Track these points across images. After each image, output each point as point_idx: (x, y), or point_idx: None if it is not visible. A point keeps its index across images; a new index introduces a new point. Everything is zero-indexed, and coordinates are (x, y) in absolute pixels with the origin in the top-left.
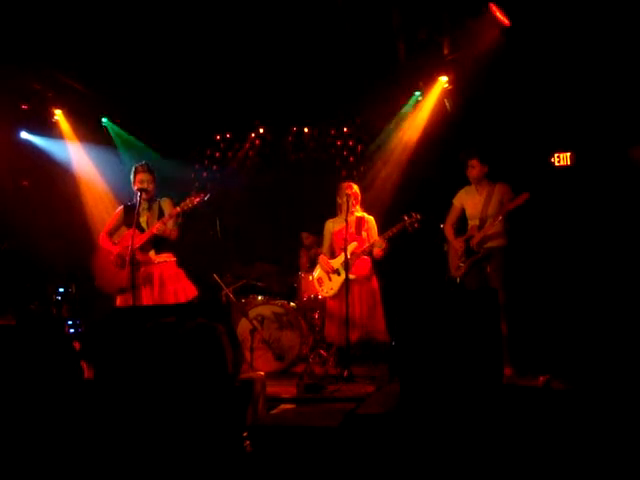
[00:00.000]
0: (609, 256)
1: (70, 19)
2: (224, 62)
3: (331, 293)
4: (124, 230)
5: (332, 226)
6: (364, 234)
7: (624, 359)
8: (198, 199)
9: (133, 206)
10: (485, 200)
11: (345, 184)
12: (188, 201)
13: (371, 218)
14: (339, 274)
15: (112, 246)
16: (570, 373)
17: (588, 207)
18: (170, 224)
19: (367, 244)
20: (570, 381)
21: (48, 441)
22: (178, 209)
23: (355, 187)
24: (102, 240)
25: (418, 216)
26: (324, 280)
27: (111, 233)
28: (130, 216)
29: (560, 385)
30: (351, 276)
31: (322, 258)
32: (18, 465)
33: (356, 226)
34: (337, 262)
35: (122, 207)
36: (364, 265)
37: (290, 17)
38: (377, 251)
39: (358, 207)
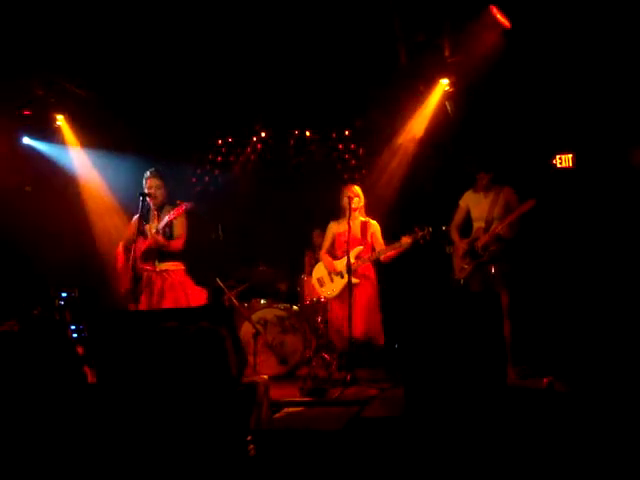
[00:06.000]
0: (611, 258)
1: (71, 24)
2: (225, 66)
3: (332, 295)
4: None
5: (336, 228)
6: (369, 239)
7: (627, 361)
8: (181, 209)
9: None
10: (491, 203)
11: (346, 186)
12: (173, 212)
13: (375, 223)
14: (342, 277)
15: (122, 259)
16: (573, 375)
17: (590, 209)
18: (160, 236)
19: (374, 253)
20: (573, 383)
21: (52, 446)
22: (167, 220)
23: (357, 189)
24: (118, 253)
25: (430, 229)
26: (325, 281)
27: (129, 243)
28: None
29: (563, 387)
30: (355, 280)
31: (325, 257)
32: (22, 469)
33: (361, 230)
34: (341, 264)
35: (137, 216)
36: (368, 269)
37: (291, 21)
38: (384, 257)
39: (362, 212)
